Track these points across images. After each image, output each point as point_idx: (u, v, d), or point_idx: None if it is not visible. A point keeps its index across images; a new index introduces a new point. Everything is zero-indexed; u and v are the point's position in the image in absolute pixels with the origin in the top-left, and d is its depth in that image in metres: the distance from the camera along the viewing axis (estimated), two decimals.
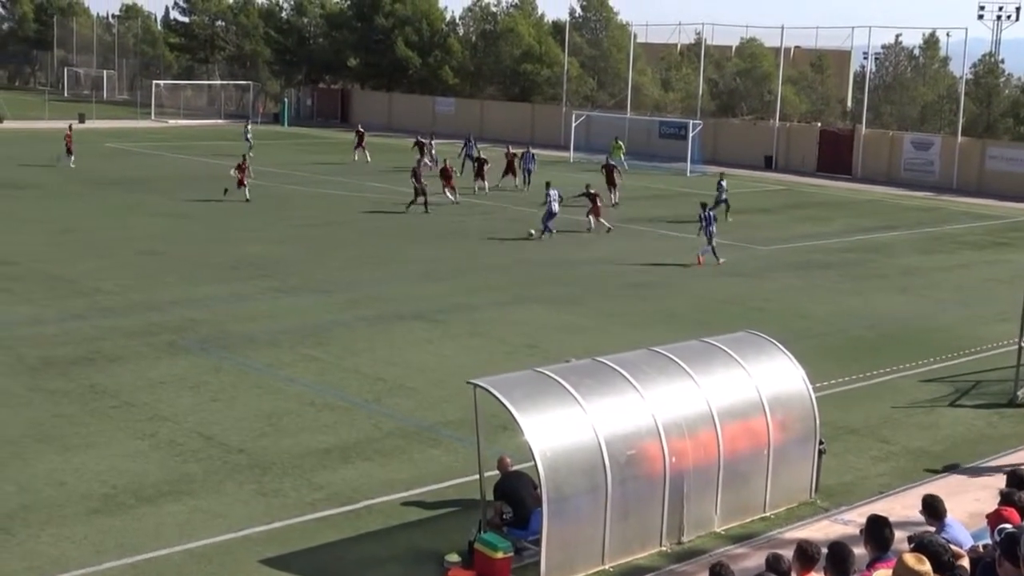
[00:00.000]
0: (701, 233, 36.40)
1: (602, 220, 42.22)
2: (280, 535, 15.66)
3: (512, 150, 55.88)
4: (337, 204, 47.25)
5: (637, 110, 79.74)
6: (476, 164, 53.28)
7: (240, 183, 46.69)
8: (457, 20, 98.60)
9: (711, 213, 36.52)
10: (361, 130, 65.95)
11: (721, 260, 36.03)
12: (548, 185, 41.79)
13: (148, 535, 15.40)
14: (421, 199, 44.87)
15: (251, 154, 57.22)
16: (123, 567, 14.56)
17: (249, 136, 68.22)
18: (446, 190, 47.97)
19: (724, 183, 47.11)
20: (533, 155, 55.95)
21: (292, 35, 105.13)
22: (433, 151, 60.04)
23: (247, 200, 45.65)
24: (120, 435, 19.14)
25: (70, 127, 60.58)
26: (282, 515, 16.24)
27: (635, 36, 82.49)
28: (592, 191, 42.86)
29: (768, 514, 16.74)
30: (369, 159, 63.07)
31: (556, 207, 40.48)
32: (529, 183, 53.61)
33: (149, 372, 22.73)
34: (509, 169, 54.09)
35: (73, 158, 56.44)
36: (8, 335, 24.96)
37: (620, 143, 67.48)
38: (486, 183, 51.79)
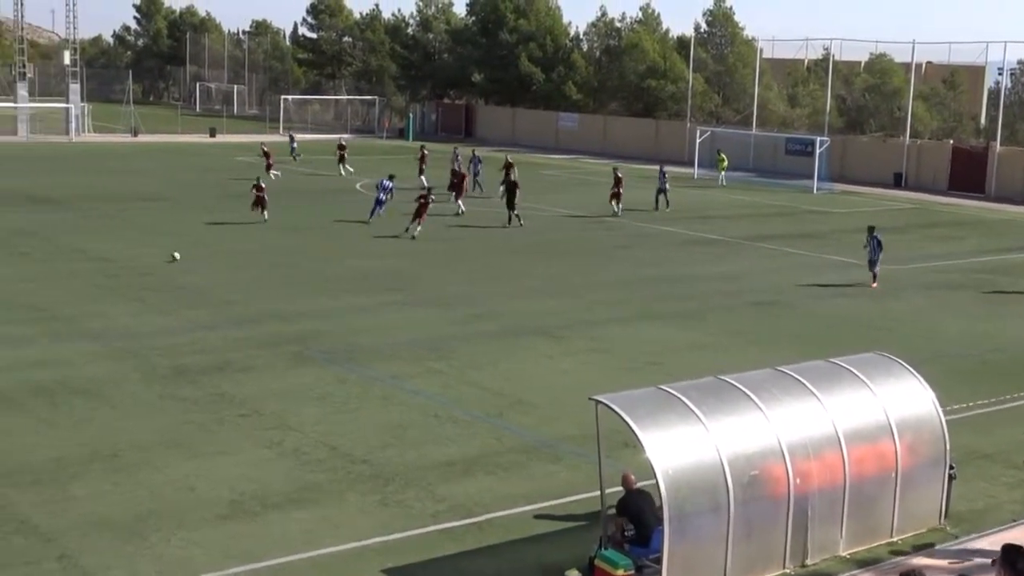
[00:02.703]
0: (867, 252, 36.03)
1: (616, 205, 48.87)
2: (401, 546, 15.79)
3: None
4: (466, 218, 47.52)
5: (763, 126, 78.96)
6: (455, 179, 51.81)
7: (259, 202, 44.15)
8: (581, 35, 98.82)
9: (878, 236, 35.84)
10: (425, 152, 61.55)
11: (875, 284, 35.55)
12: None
13: (273, 542, 15.66)
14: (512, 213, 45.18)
15: (271, 175, 57.72)
16: (248, 572, 14.82)
17: (295, 146, 70.03)
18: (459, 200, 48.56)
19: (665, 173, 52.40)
20: (480, 159, 57.45)
21: (417, 50, 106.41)
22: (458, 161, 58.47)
23: (264, 220, 43.68)
24: (247, 443, 19.51)
25: (263, 145, 63.29)
26: (404, 526, 16.37)
27: (761, 51, 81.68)
28: (619, 173, 48.83)
29: (895, 539, 16.37)
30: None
31: None
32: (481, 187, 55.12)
33: (276, 382, 23.13)
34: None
35: (276, 173, 58.52)
36: (142, 344, 25.62)
37: (723, 156, 67.26)
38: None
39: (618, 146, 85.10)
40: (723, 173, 66.89)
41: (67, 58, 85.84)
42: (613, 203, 49.86)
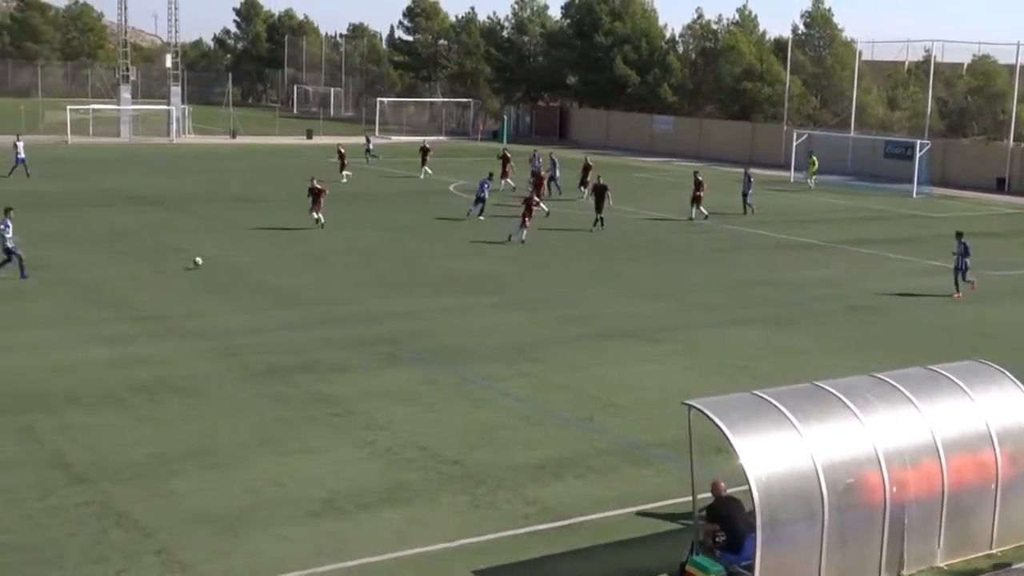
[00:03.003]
0: (956, 260, 34.49)
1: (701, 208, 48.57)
2: (492, 547, 15.82)
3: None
4: (554, 220, 47.49)
5: (861, 129, 77.83)
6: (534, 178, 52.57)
7: (316, 205, 42.72)
8: (677, 38, 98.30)
9: (965, 242, 34.33)
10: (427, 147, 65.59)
11: (958, 294, 34.32)
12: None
13: (364, 541, 15.77)
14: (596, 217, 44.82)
15: (343, 175, 58.29)
16: (339, 571, 14.94)
17: (371, 148, 70.60)
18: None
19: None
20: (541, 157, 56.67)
21: (512, 53, 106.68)
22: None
23: (320, 225, 42.53)
24: (339, 442, 19.68)
25: (339, 147, 63.18)
26: (494, 527, 16.40)
27: (860, 53, 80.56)
28: (699, 177, 48.90)
29: (995, 551, 16.02)
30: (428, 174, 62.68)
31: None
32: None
33: (368, 382, 23.32)
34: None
35: (347, 173, 59.05)
36: (235, 343, 26.00)
37: (815, 159, 66.58)
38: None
39: (713, 149, 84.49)
40: (813, 177, 66.14)
41: (169, 61, 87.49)
42: (693, 208, 49.27)
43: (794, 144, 70.78)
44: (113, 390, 22.06)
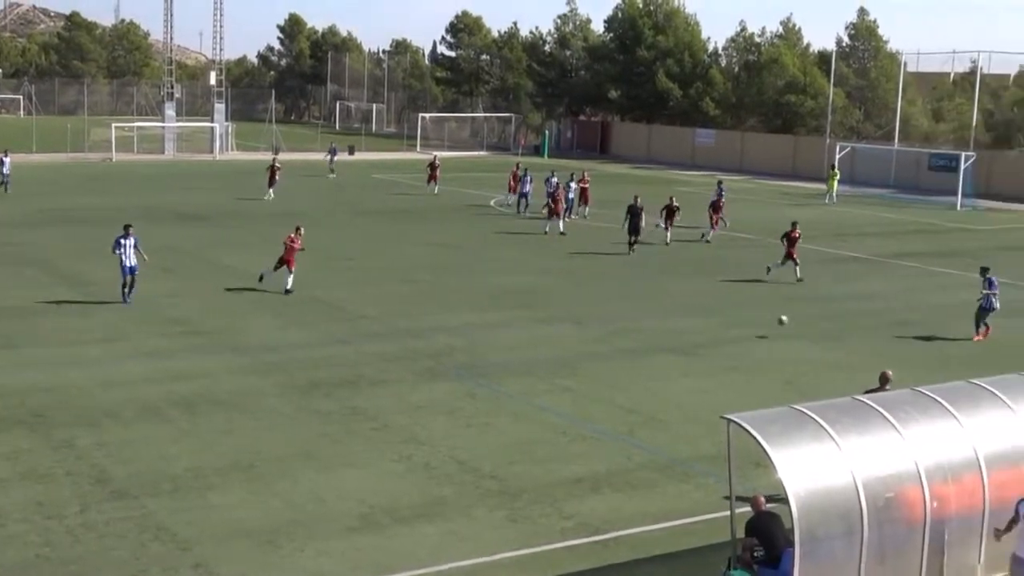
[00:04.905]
0: (982, 303, 30.75)
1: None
2: (529, 562, 15.78)
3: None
4: (593, 236, 47.44)
5: (905, 141, 77.30)
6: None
7: (284, 263, 33.60)
8: (720, 51, 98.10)
9: (992, 279, 30.73)
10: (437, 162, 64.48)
11: (978, 336, 30.54)
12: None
13: (402, 555, 15.78)
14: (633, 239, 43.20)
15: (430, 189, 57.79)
16: None
17: (334, 161, 70.31)
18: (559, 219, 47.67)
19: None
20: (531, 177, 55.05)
21: (554, 68, 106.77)
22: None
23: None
24: (378, 456, 19.72)
25: (274, 160, 61.07)
26: (531, 542, 16.36)
27: (905, 65, 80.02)
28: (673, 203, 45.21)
29: None
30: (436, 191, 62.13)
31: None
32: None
33: (408, 396, 23.36)
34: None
35: (272, 192, 57.14)
36: (280, 357, 26.13)
37: (836, 171, 65.78)
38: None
39: (755, 163, 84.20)
40: (834, 191, 65.07)
41: (213, 78, 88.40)
42: (668, 231, 45.59)
43: (837, 157, 70.38)
44: (153, 403, 22.21)
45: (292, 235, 33.67)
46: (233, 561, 15.43)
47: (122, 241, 30.98)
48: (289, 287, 32.83)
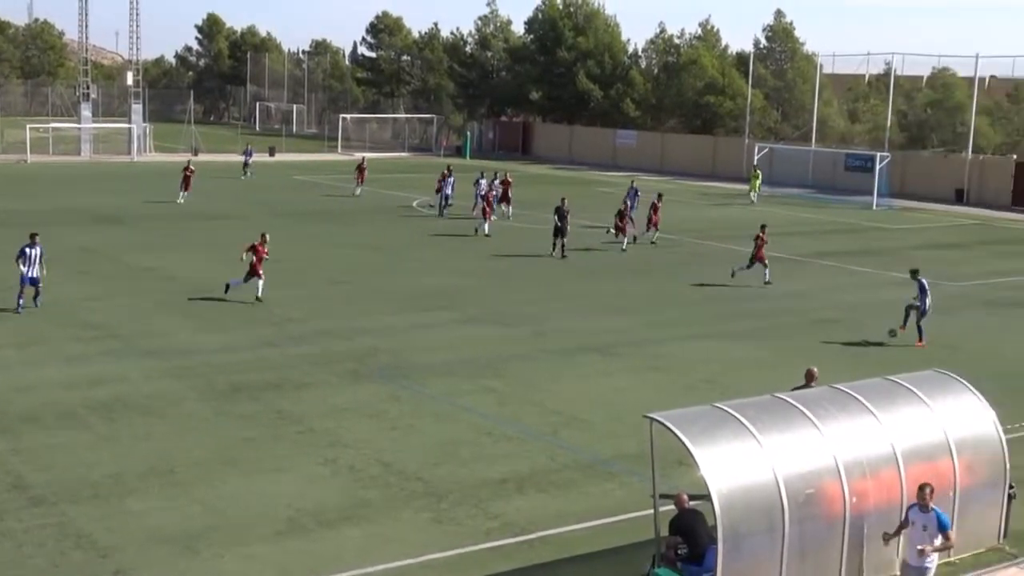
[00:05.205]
0: (914, 309, 30.23)
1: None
2: (454, 563, 15.78)
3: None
4: (517, 237, 47.53)
5: (822, 142, 78.41)
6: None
7: (253, 273, 32.60)
8: (639, 52, 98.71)
9: (923, 280, 30.27)
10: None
11: (921, 343, 29.81)
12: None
13: (327, 558, 15.69)
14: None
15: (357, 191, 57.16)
16: None
17: (250, 162, 69.38)
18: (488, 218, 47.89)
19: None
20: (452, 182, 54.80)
21: (476, 69, 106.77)
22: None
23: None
24: (303, 460, 19.59)
25: (189, 162, 59.69)
26: (457, 543, 16.35)
27: (821, 67, 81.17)
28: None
29: (953, 559, 16.11)
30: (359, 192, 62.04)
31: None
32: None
33: (332, 399, 23.23)
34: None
35: (187, 194, 55.96)
36: (200, 361, 25.84)
37: (758, 172, 66.73)
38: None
39: (676, 163, 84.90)
40: (757, 191, 66.02)
41: (130, 79, 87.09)
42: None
43: (755, 158, 71.20)
44: (71, 409, 21.86)
45: (258, 243, 32.76)
46: (153, 567, 15.23)
47: (27, 251, 29.87)
48: (259, 295, 32.29)
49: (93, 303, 31.74)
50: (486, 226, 47.33)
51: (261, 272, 32.44)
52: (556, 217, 42.75)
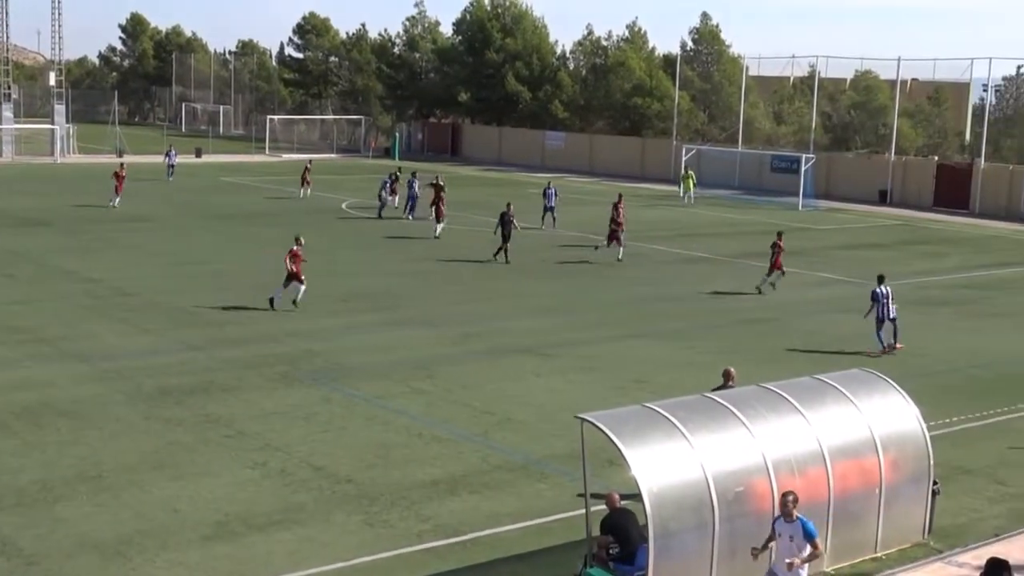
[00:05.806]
0: (871, 315, 29.73)
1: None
2: (387, 565, 15.77)
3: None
4: (449, 239, 47.50)
5: (749, 144, 79.20)
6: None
7: (294, 278, 32.28)
8: (567, 54, 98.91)
9: (884, 289, 29.63)
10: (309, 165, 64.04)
11: (898, 346, 29.47)
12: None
13: (258, 563, 15.62)
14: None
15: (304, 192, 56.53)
16: None
17: (173, 165, 68.65)
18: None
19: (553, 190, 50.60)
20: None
21: (404, 70, 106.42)
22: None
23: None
24: (232, 464, 19.46)
25: (121, 165, 58.32)
26: (389, 546, 16.34)
27: (747, 69, 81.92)
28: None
29: (879, 554, 16.40)
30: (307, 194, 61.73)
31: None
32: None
33: (262, 402, 23.09)
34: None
35: (119, 199, 54.61)
36: (127, 365, 25.56)
37: (691, 174, 67.40)
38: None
39: (604, 164, 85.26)
40: (691, 192, 66.73)
41: (52, 79, 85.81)
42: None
43: (683, 159, 71.76)
44: None
45: (295, 248, 32.37)
46: (82, 574, 15.06)
47: None
48: (298, 298, 31.96)
49: (18, 307, 31.28)
50: (438, 228, 47.30)
51: (303, 277, 32.08)
52: (499, 223, 42.50)
